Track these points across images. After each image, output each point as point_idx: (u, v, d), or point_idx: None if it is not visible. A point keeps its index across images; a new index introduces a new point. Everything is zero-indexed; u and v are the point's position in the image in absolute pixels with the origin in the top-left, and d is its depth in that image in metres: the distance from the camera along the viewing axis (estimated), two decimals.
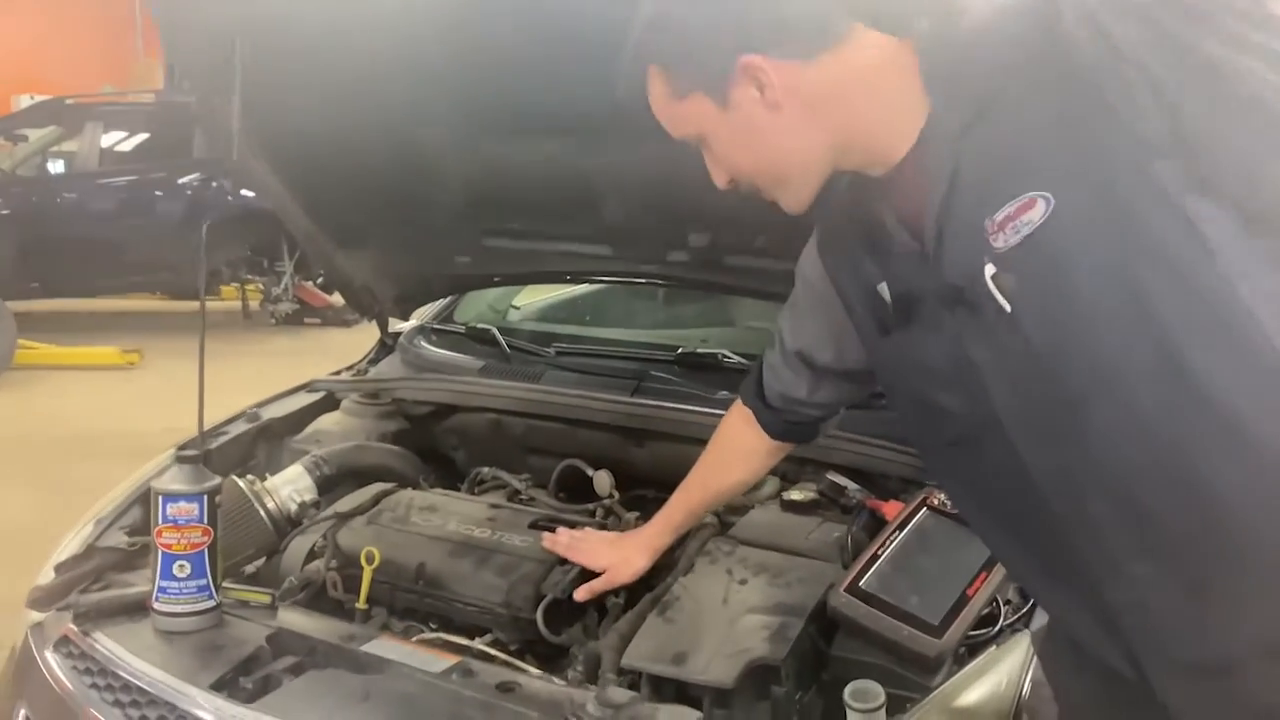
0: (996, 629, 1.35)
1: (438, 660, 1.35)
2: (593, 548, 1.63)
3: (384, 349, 2.54)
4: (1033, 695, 1.28)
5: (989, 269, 0.94)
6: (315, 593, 1.68)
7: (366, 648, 1.38)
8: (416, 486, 2.00)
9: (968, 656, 1.33)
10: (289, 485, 1.91)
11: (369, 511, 1.82)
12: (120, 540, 1.73)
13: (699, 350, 2.16)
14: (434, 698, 1.27)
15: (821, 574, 1.47)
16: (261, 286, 8.45)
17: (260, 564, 1.83)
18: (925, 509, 1.48)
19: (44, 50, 12.41)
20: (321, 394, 2.31)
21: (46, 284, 7.85)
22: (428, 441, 2.26)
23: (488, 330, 2.39)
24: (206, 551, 1.41)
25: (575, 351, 2.28)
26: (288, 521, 1.87)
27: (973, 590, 1.35)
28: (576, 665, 1.48)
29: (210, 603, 1.42)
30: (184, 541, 1.39)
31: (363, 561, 1.66)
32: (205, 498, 1.40)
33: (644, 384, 2.07)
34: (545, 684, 1.33)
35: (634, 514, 1.83)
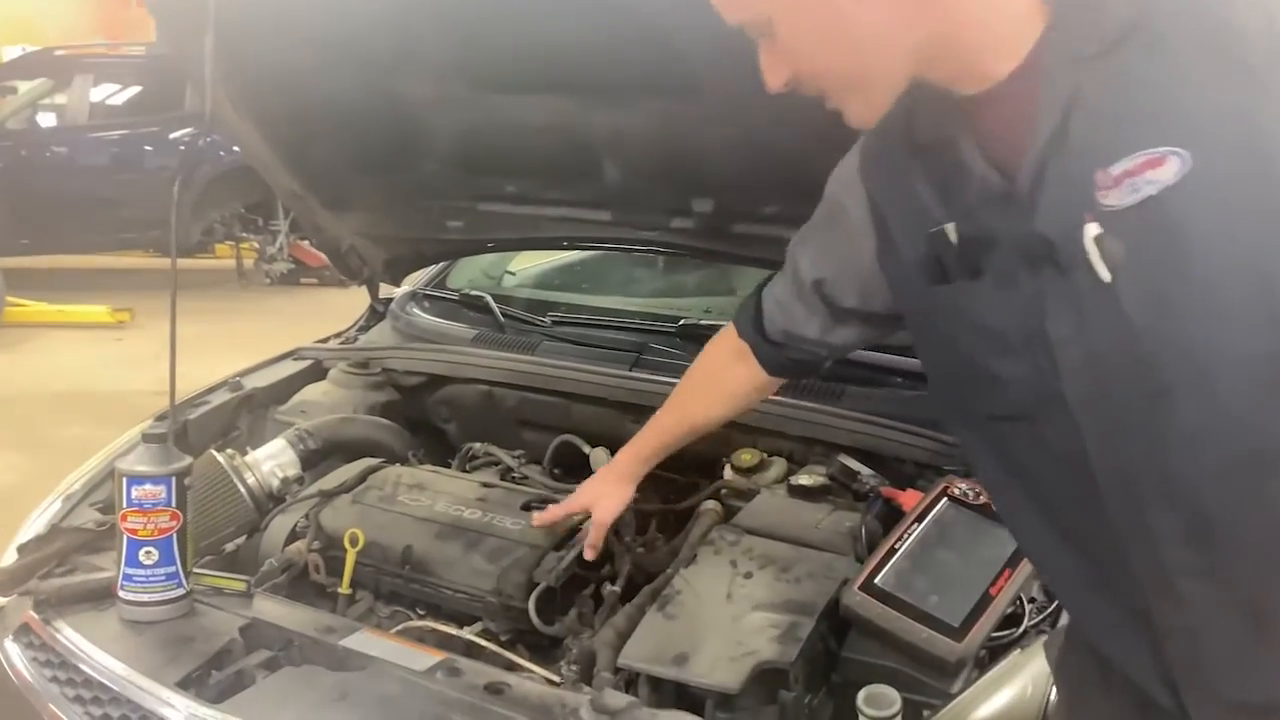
0: (1021, 630, 1.26)
1: (422, 656, 1.26)
2: (569, 496, 1.58)
3: (374, 315, 2.43)
4: (1059, 702, 1.19)
5: (1091, 229, 0.79)
6: (296, 575, 1.60)
7: (346, 642, 1.29)
8: (405, 462, 1.91)
9: (989, 660, 1.24)
10: (271, 460, 1.82)
11: (354, 489, 1.73)
12: (89, 519, 1.64)
13: (701, 322, 2.05)
14: (416, 699, 1.19)
15: (832, 568, 1.38)
16: (256, 245, 8.30)
17: (240, 543, 1.75)
18: (946, 499, 1.39)
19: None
20: (308, 362, 2.21)
21: (36, 240, 7.71)
22: (418, 413, 2.17)
23: (481, 298, 2.29)
24: (175, 537, 1.31)
25: (572, 321, 2.17)
26: (269, 498, 1.78)
27: (996, 589, 1.26)
28: (569, 657, 1.39)
29: (179, 591, 1.33)
30: (150, 526, 1.29)
31: (346, 544, 1.57)
32: (173, 480, 1.31)
33: (644, 357, 1.96)
34: (536, 685, 1.24)
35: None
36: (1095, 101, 0.81)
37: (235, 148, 7.62)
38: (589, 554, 1.52)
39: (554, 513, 1.57)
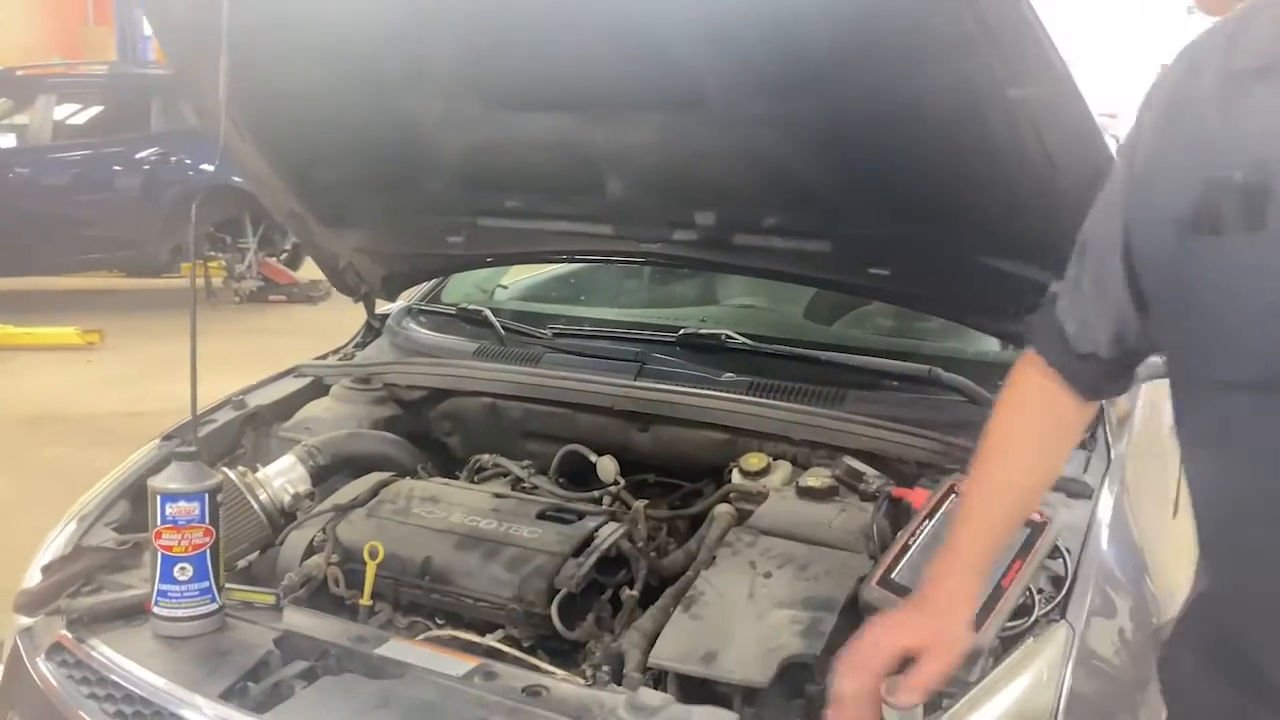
0: (1032, 620, 1.31)
1: (457, 662, 1.30)
2: (893, 630, 1.12)
3: (370, 331, 2.45)
4: (1075, 681, 1.25)
5: None
6: (315, 589, 1.63)
7: (381, 650, 1.32)
8: (414, 476, 1.94)
9: (1003, 650, 1.29)
10: (282, 476, 1.84)
11: (368, 503, 1.76)
12: (108, 538, 1.65)
13: (700, 331, 2.10)
14: (456, 703, 1.22)
15: (847, 565, 1.43)
16: (224, 263, 8.25)
17: (253, 558, 1.77)
18: (954, 495, 1.44)
19: None
20: (309, 379, 2.23)
21: (1, 261, 7.62)
22: (420, 427, 2.20)
23: (480, 312, 2.32)
24: (209, 552, 1.34)
25: (573, 333, 2.21)
26: (281, 514, 1.80)
27: (1007, 581, 1.31)
28: (592, 661, 1.43)
29: (213, 605, 1.36)
30: (185, 543, 1.32)
31: (365, 557, 1.60)
32: (206, 496, 1.33)
33: (647, 366, 2.00)
34: (573, 687, 1.28)
35: (642, 501, 1.78)
36: None
37: (204, 166, 7.69)
38: (914, 698, 1.08)
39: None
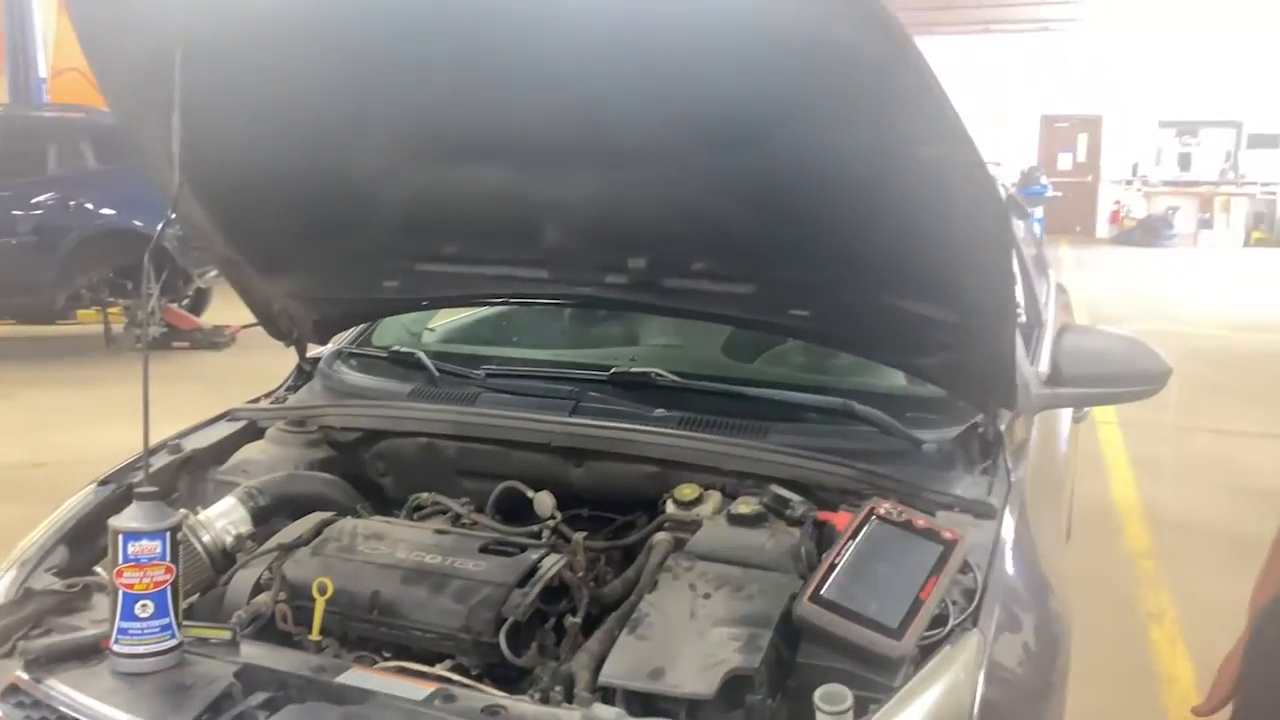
0: (948, 629, 1.44)
1: (416, 688, 1.35)
2: None
3: (302, 375, 2.49)
4: (987, 688, 1.37)
5: None
6: (263, 626, 1.66)
7: (341, 679, 1.37)
8: (355, 514, 1.98)
9: (922, 657, 1.41)
10: (224, 518, 1.87)
11: (313, 542, 1.80)
12: (50, 583, 1.66)
13: (632, 369, 2.20)
14: None
15: (780, 584, 1.54)
16: (125, 309, 8.07)
17: (195, 600, 1.79)
18: (874, 518, 1.56)
19: None
20: (244, 423, 2.26)
21: None
22: (355, 469, 2.23)
23: (413, 354, 2.38)
24: (170, 589, 1.37)
25: (507, 373, 2.29)
26: (223, 555, 1.83)
27: (925, 593, 1.44)
28: (540, 685, 1.50)
29: (173, 641, 1.39)
30: (147, 580, 1.35)
31: (314, 593, 1.64)
32: (168, 535, 1.37)
33: (581, 404, 2.09)
34: (530, 706, 1.35)
35: (580, 533, 1.86)
36: None
37: (104, 210, 7.54)
38: None
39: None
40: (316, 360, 2.51)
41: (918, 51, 1.25)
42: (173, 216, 1.66)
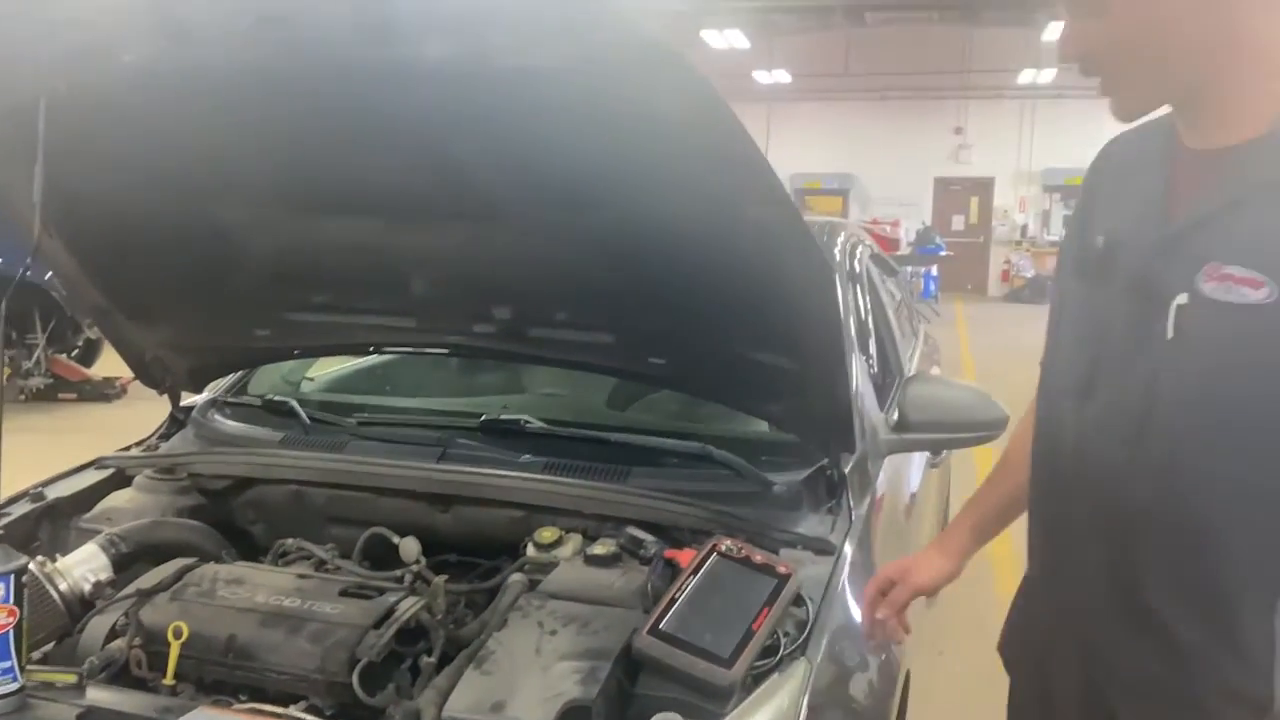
0: (778, 658, 1.53)
1: None
2: (894, 561, 1.68)
3: (175, 423, 2.49)
4: (811, 715, 1.46)
5: (1181, 298, 1.14)
6: (117, 672, 1.66)
7: (187, 718, 1.39)
8: (219, 561, 1.99)
9: (754, 684, 1.49)
10: (82, 565, 1.87)
11: (173, 587, 1.81)
12: None
13: (501, 417, 2.26)
14: None
15: (625, 620, 1.61)
16: (10, 360, 7.82)
17: (49, 649, 1.78)
18: (715, 554, 1.65)
19: None
20: (111, 471, 2.25)
21: None
22: (225, 516, 2.24)
23: (286, 402, 2.40)
24: (13, 632, 1.38)
25: (378, 421, 2.33)
26: (81, 603, 1.83)
27: (757, 625, 1.53)
28: None
29: (14, 685, 1.39)
30: None
31: (170, 637, 1.65)
32: (12, 577, 1.38)
33: (449, 451, 2.15)
34: None
35: (443, 578, 1.90)
36: (1251, 215, 1.11)
37: None
38: (881, 614, 1.63)
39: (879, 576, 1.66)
40: (191, 409, 2.51)
41: (737, 122, 1.37)
42: (30, 265, 1.68)
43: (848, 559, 1.81)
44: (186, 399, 2.53)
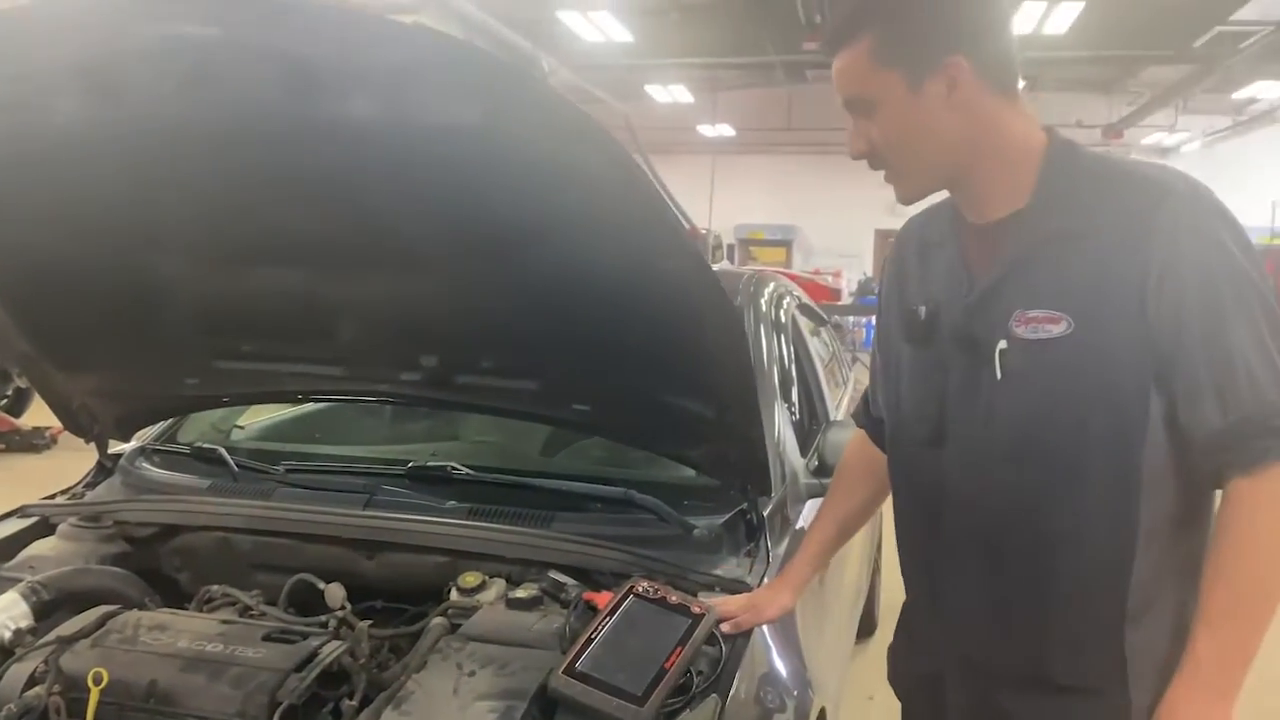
0: (690, 696, 1.57)
1: None
2: (739, 598, 1.79)
3: (103, 471, 2.48)
4: None
5: (1001, 344, 1.34)
6: None
7: None
8: (143, 608, 1.99)
9: None
10: (2, 613, 1.85)
11: (94, 634, 1.81)
12: None
13: (429, 464, 2.30)
14: None
15: (542, 661, 1.64)
16: None
17: None
18: (631, 596, 1.70)
19: None
20: (33, 519, 2.24)
21: None
22: (151, 564, 2.24)
23: (215, 450, 2.41)
24: None
25: (306, 468, 2.35)
26: (1, 651, 1.82)
27: (669, 663, 1.57)
28: None
29: None
30: None
31: (89, 683, 1.65)
32: None
33: (375, 497, 2.17)
34: None
35: (367, 623, 1.92)
36: (1036, 268, 1.33)
37: None
38: (726, 629, 1.72)
39: (728, 607, 1.76)
40: (119, 456, 2.51)
41: (647, 178, 1.45)
42: None
43: None
44: (116, 447, 2.53)
